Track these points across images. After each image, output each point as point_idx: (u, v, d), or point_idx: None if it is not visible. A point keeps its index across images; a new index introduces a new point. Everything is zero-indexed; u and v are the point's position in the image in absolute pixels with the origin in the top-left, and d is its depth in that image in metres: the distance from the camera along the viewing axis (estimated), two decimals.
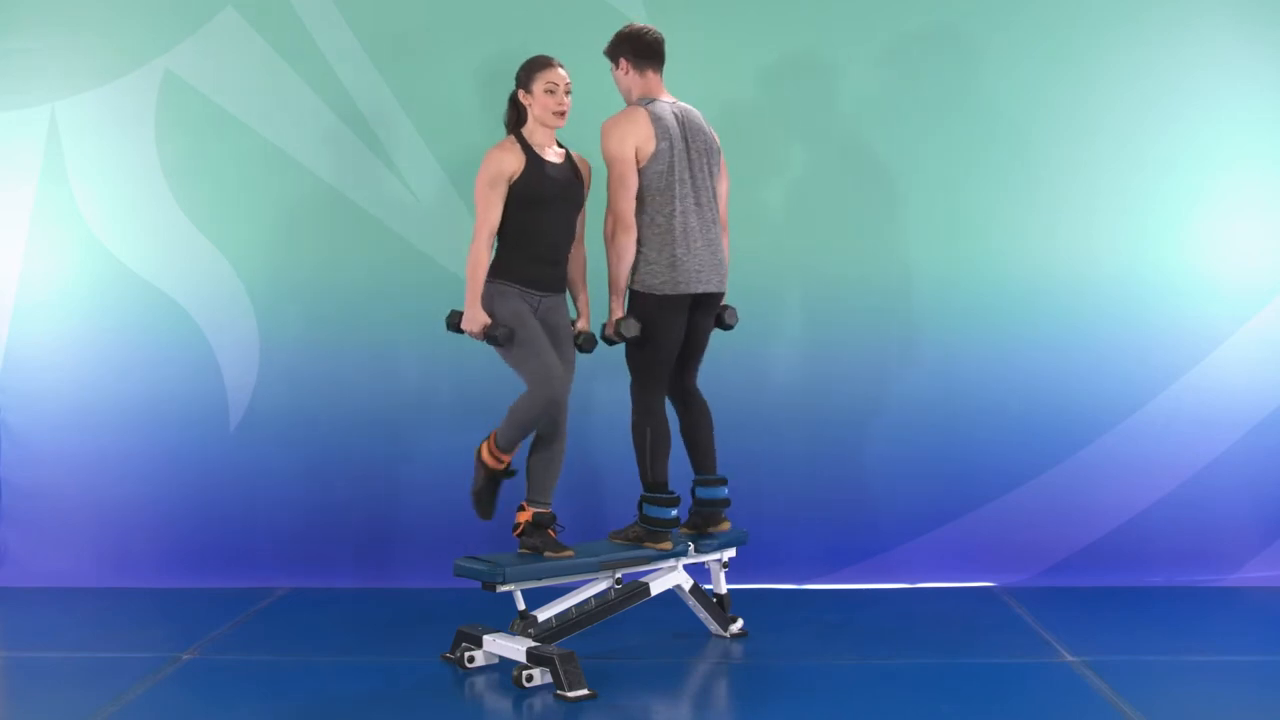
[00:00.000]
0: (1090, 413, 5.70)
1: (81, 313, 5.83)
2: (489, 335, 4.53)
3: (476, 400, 5.53)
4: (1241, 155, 5.70)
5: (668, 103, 4.77)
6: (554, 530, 4.61)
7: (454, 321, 4.64)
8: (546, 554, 4.53)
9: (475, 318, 4.51)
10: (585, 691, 4.20)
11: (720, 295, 4.84)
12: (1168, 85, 5.69)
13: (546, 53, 5.37)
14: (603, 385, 5.78)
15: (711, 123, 5.73)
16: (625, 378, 5.01)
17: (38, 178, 5.81)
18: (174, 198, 5.80)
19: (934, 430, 5.67)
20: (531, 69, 4.66)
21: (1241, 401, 5.70)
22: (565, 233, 4.67)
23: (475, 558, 4.58)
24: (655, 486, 4.70)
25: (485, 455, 4.62)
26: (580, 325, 4.86)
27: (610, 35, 4.98)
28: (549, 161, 4.64)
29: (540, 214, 4.57)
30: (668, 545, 4.72)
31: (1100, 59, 5.69)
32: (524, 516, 4.59)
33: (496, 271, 4.58)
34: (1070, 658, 4.63)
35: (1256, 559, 5.73)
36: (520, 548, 4.60)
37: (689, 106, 4.83)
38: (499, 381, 5.75)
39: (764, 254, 5.57)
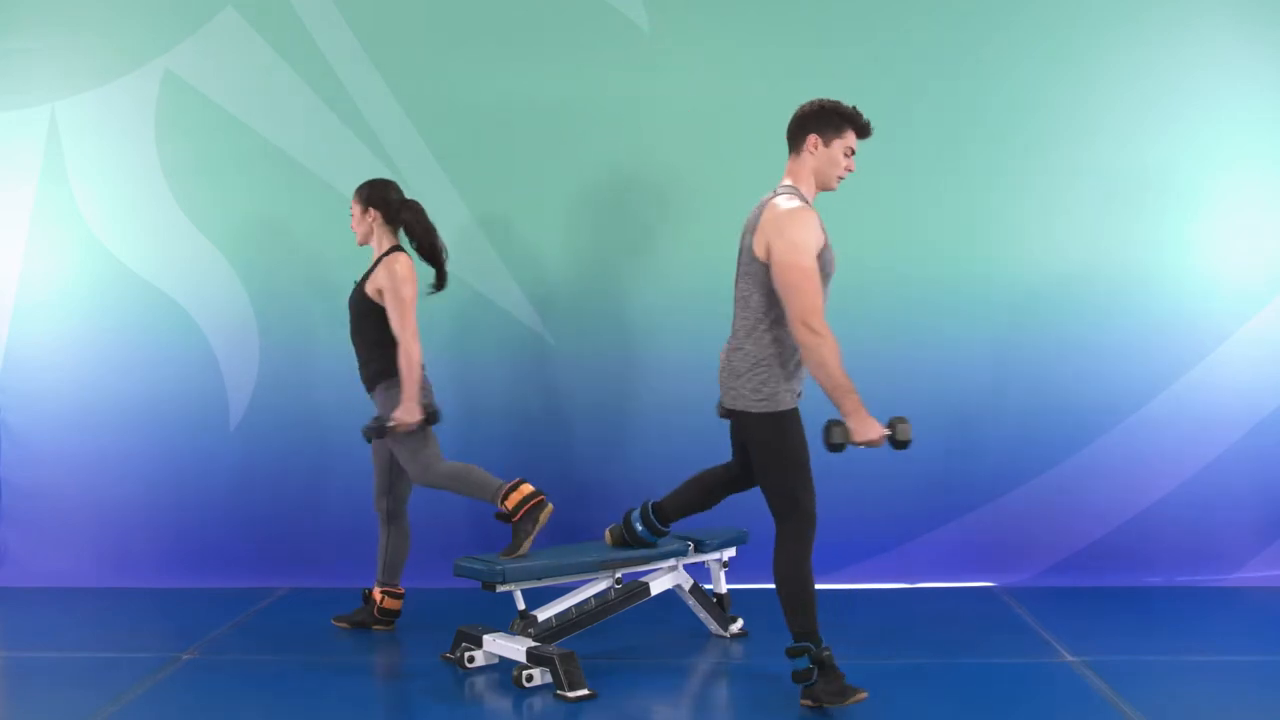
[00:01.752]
0: (1090, 413, 5.70)
1: (81, 313, 5.83)
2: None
3: (475, 399, 5.53)
4: (1241, 155, 5.70)
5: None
6: (535, 501, 4.66)
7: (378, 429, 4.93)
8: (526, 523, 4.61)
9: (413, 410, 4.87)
10: (585, 691, 4.20)
11: (742, 414, 4.14)
12: (1168, 85, 5.69)
13: (541, 56, 5.39)
14: (604, 389, 5.79)
15: (709, 124, 5.76)
16: (629, 384, 4.97)
17: (38, 178, 5.82)
18: (174, 198, 5.80)
19: (934, 430, 5.66)
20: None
21: (1241, 401, 5.70)
22: (355, 337, 5.06)
23: (475, 558, 4.59)
24: (661, 514, 4.66)
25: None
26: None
27: (607, 36, 4.97)
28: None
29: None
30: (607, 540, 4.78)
31: (1100, 59, 5.69)
32: (507, 507, 4.61)
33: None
34: (1070, 658, 4.63)
35: (1256, 559, 5.73)
36: (520, 533, 4.60)
37: (775, 192, 4.17)
38: (498, 381, 5.78)
39: None
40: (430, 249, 5.02)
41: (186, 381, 5.80)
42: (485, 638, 4.49)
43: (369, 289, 4.93)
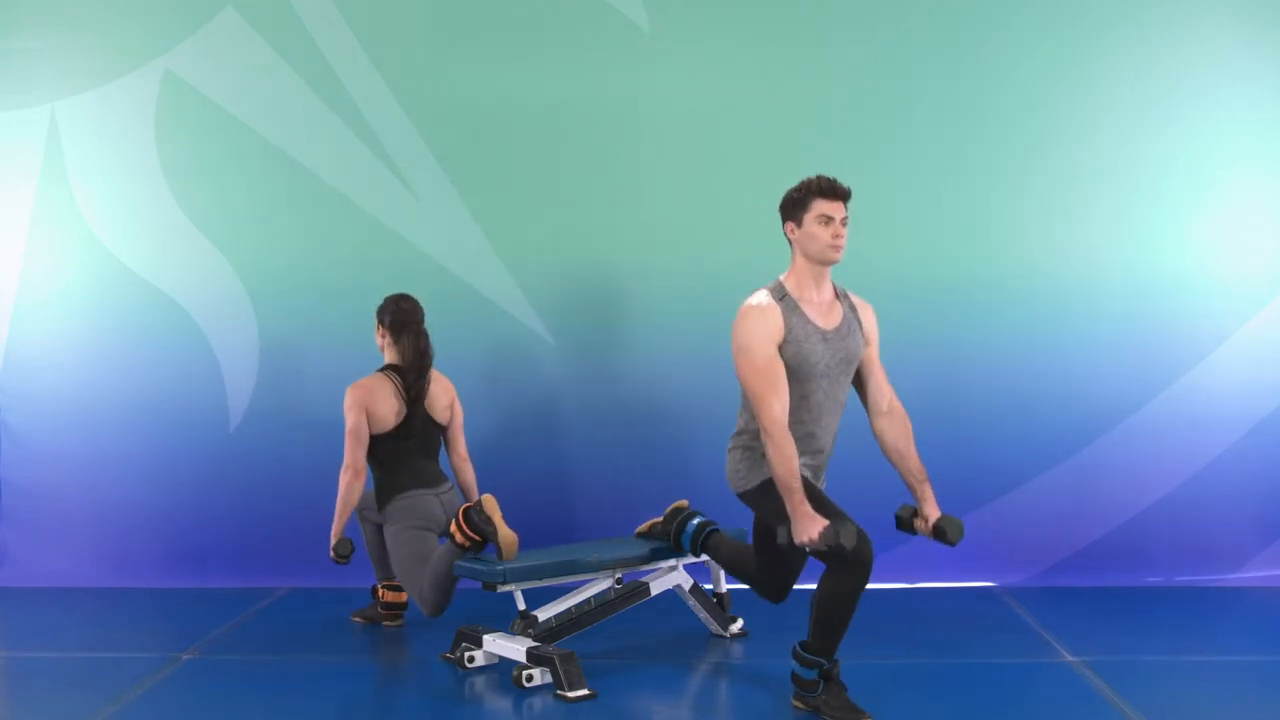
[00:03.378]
0: (1090, 413, 5.70)
1: (81, 313, 5.83)
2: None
3: (475, 399, 5.52)
4: (1241, 155, 5.69)
5: None
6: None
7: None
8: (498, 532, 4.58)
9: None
10: (585, 691, 4.20)
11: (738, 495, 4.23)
12: (1168, 85, 5.68)
13: (541, 56, 5.38)
14: (604, 390, 5.79)
15: (711, 123, 5.78)
16: (629, 385, 4.93)
17: (38, 178, 5.82)
18: (174, 198, 5.80)
19: (934, 430, 5.65)
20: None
21: (1241, 401, 5.70)
22: None
23: (476, 558, 4.59)
24: (706, 545, 4.73)
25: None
26: None
27: (607, 36, 4.96)
28: None
29: None
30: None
31: (1100, 59, 5.69)
32: (466, 540, 4.62)
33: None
34: (1070, 658, 4.63)
35: (1256, 559, 5.73)
36: (491, 537, 4.60)
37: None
38: (497, 381, 5.77)
39: (759, 256, 5.53)
40: (405, 379, 4.98)
41: (186, 382, 5.79)
42: (485, 638, 4.49)
43: None
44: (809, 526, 3.86)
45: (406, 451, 4.97)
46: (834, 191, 4.04)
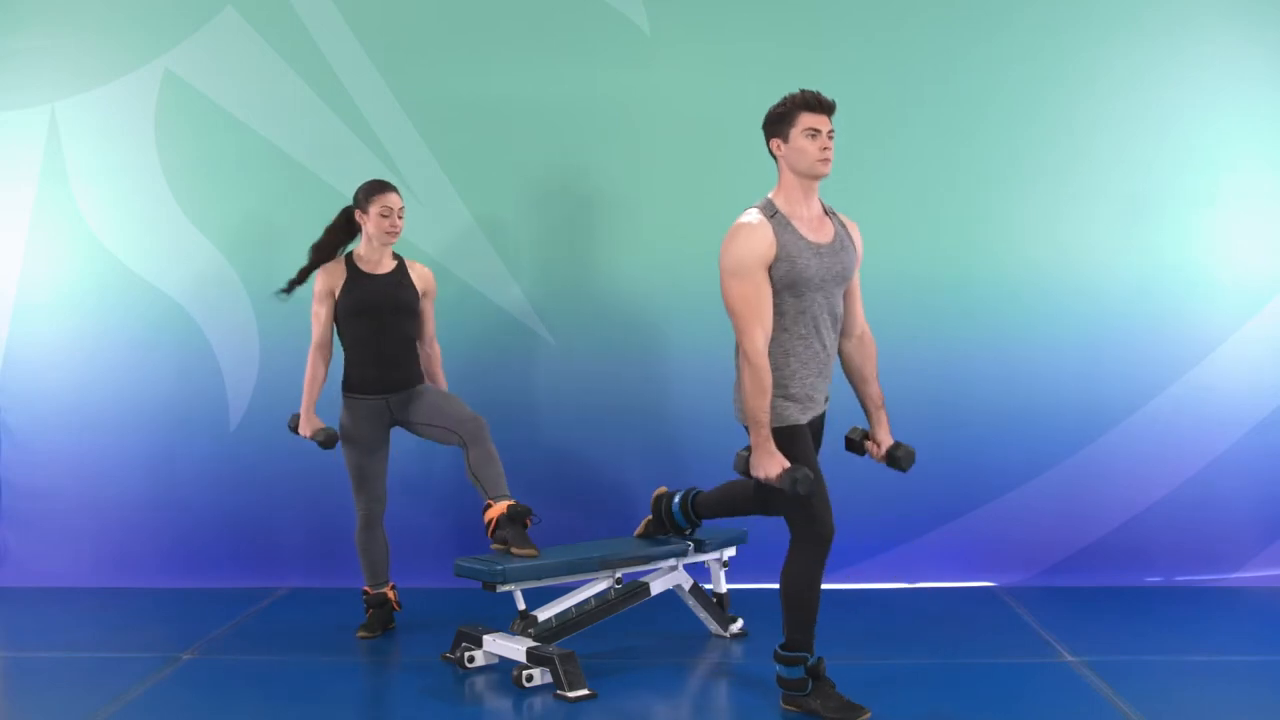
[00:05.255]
0: (1090, 412, 5.70)
1: (81, 313, 5.83)
2: (314, 439, 5.00)
3: (474, 399, 5.52)
4: (1242, 155, 5.69)
5: None
6: (530, 521, 4.64)
7: (292, 424, 5.09)
8: (514, 550, 4.54)
9: (308, 422, 5.00)
10: (585, 691, 4.20)
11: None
12: (1168, 85, 5.69)
13: (541, 56, 5.37)
14: (604, 390, 5.79)
15: (710, 125, 5.78)
16: (629, 385, 4.96)
17: (38, 178, 5.82)
18: (174, 198, 5.80)
19: (934, 430, 5.66)
20: (369, 192, 4.95)
21: (1241, 401, 5.70)
22: (397, 338, 4.99)
23: (475, 558, 4.59)
24: (696, 508, 4.71)
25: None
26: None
27: (607, 36, 4.93)
28: (373, 275, 4.98)
29: (364, 323, 4.94)
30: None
31: (1100, 59, 5.69)
32: (495, 512, 4.61)
33: (343, 384, 5.03)
34: (1070, 658, 4.63)
35: (1256, 559, 5.73)
36: (493, 543, 4.60)
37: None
38: (497, 381, 5.77)
39: None
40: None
41: (186, 382, 5.80)
42: (485, 638, 4.50)
43: (419, 288, 5.06)
44: (768, 464, 3.85)
45: None
46: (819, 104, 3.99)
